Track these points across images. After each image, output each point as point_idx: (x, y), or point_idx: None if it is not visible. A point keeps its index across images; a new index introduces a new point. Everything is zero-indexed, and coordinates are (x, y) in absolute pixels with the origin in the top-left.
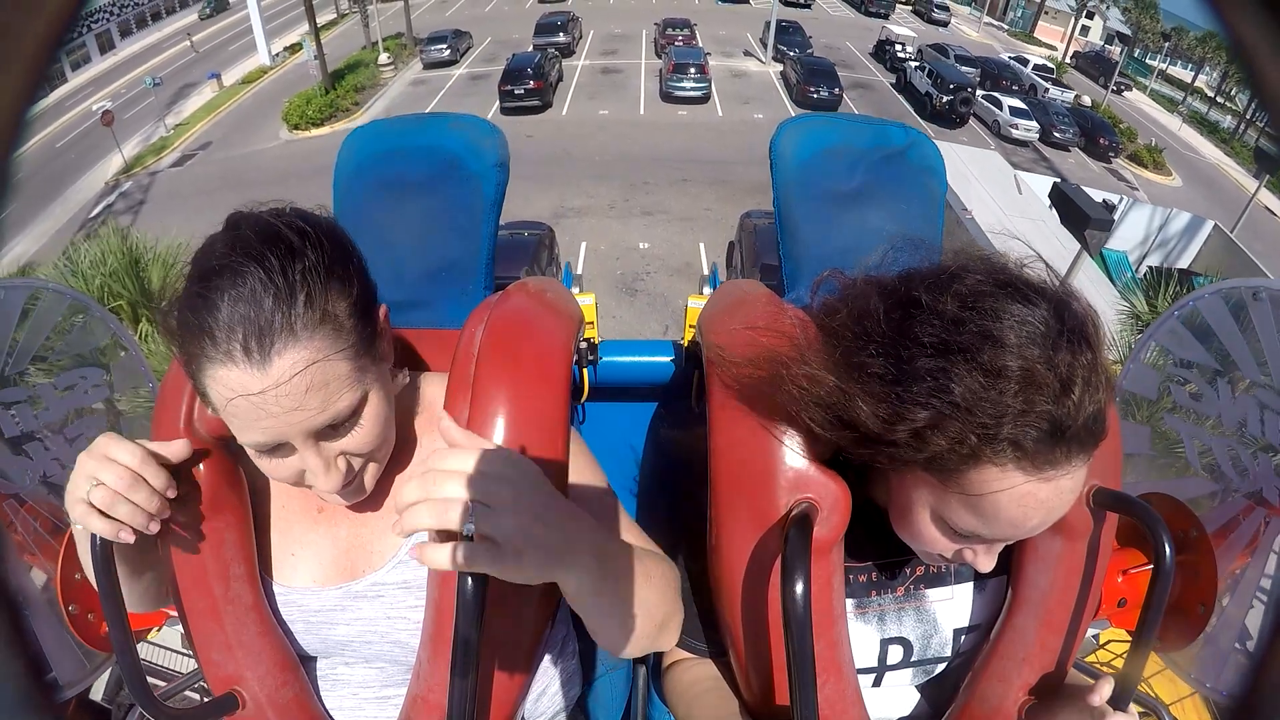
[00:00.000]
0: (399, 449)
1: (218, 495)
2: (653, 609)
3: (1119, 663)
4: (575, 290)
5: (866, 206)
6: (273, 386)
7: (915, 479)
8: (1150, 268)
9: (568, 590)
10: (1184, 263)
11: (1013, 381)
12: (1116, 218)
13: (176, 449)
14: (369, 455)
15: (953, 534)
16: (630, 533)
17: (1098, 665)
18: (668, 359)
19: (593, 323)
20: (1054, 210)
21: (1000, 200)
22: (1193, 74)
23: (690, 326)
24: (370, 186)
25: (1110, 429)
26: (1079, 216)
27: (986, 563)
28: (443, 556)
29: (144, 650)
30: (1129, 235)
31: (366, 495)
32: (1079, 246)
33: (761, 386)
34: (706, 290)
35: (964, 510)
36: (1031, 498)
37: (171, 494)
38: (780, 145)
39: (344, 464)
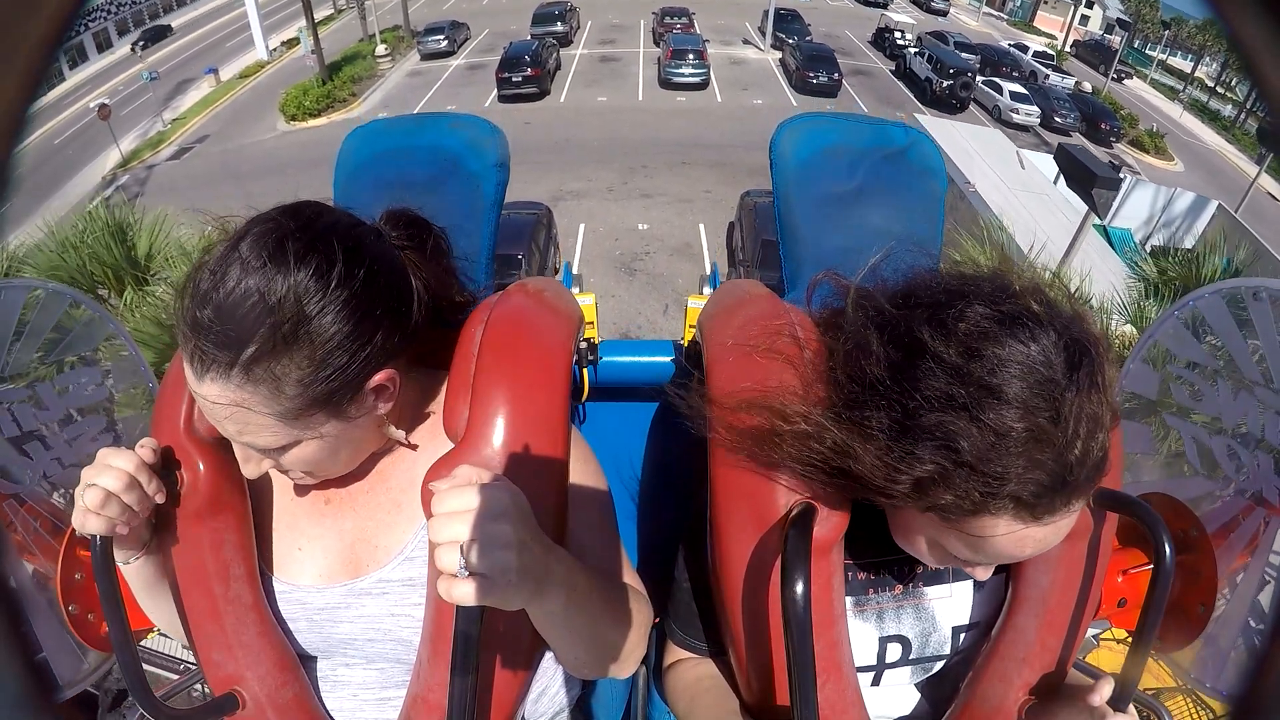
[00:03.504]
0: (401, 447)
1: (217, 495)
2: (611, 644)
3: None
4: (575, 290)
5: (867, 206)
6: (201, 396)
7: (916, 513)
8: (1154, 246)
9: (535, 616)
10: (1188, 243)
11: (1017, 442)
12: (1122, 192)
13: (159, 452)
14: (304, 472)
15: (951, 558)
16: (616, 555)
17: (1104, 651)
18: (668, 359)
19: (593, 323)
20: (1060, 173)
21: (1003, 175)
22: (1192, 64)
23: (690, 327)
24: (370, 186)
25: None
26: (1085, 175)
27: (984, 575)
28: (444, 591)
29: (154, 643)
30: (1133, 214)
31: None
32: (1084, 213)
33: (758, 438)
34: (706, 290)
35: (962, 545)
36: (1029, 539)
37: (160, 499)
38: (780, 145)
39: (268, 464)
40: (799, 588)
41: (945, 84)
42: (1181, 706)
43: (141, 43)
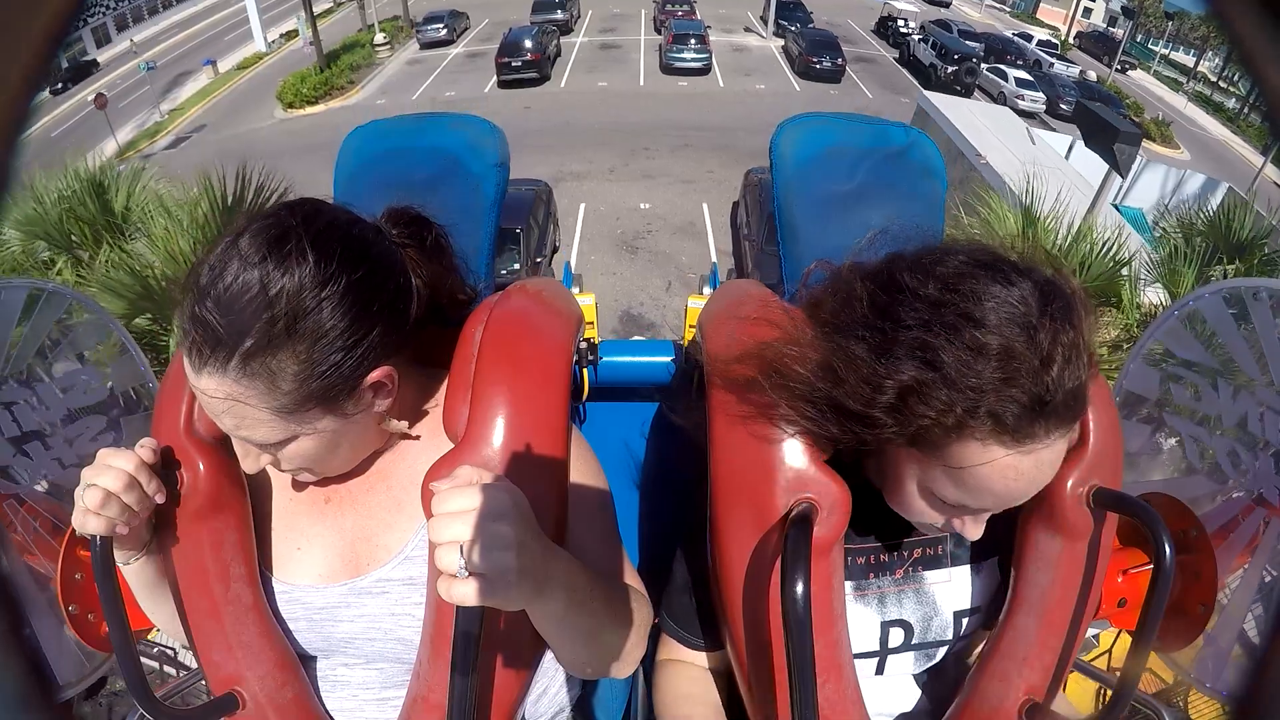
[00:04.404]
0: (403, 443)
1: (217, 495)
2: (611, 645)
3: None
4: (575, 290)
5: (867, 206)
6: (200, 390)
7: (902, 455)
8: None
9: (535, 617)
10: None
11: (992, 358)
12: (1134, 170)
13: (159, 452)
14: (302, 468)
15: (941, 504)
16: (616, 555)
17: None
18: (668, 359)
19: (593, 323)
20: (1077, 136)
21: (1014, 149)
22: (1195, 59)
23: (690, 327)
24: (370, 187)
25: (1109, 427)
26: (1106, 131)
27: (974, 530)
28: (444, 591)
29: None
30: (1144, 194)
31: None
32: (1099, 182)
33: (751, 384)
34: (706, 290)
35: (949, 483)
36: (1013, 470)
37: (160, 499)
38: (780, 145)
39: (266, 459)
40: (799, 588)
41: (950, 70)
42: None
43: (60, 85)
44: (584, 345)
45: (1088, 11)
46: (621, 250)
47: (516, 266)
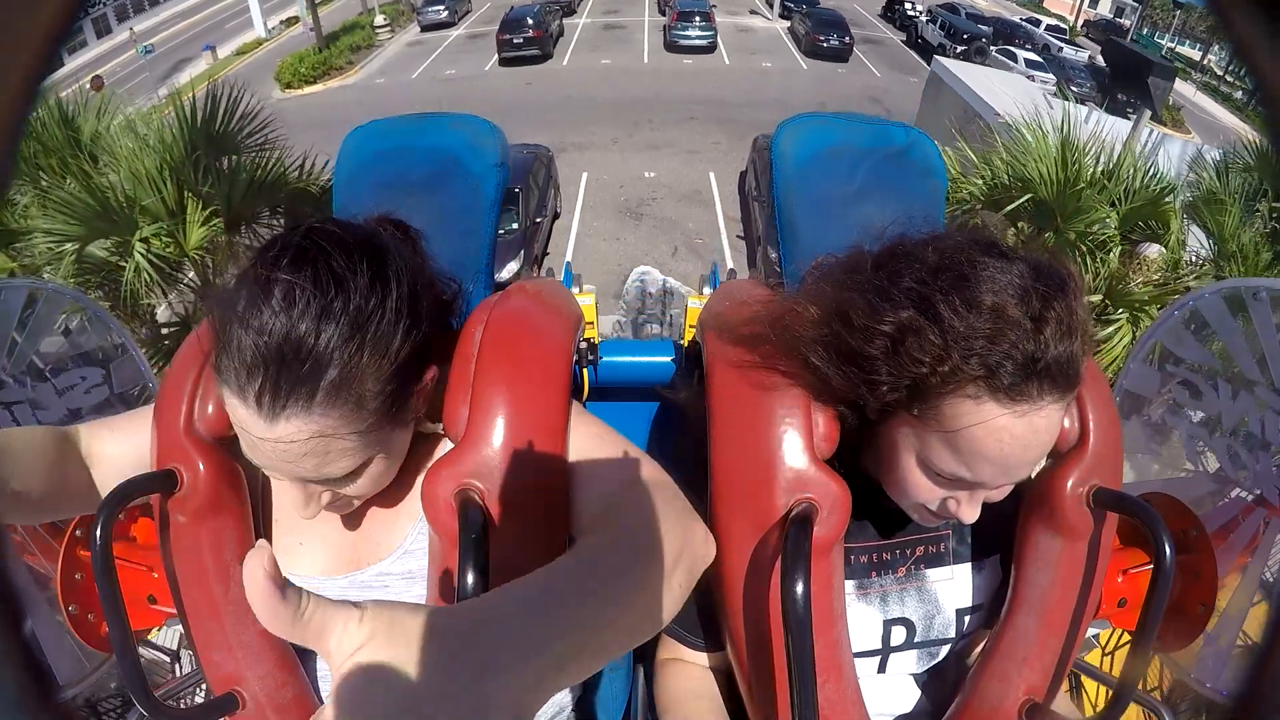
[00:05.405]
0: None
1: (217, 495)
2: (648, 622)
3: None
4: (575, 290)
5: (867, 207)
6: (272, 441)
7: (899, 423)
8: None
9: None
10: None
11: (985, 312)
12: (1149, 145)
13: None
14: (356, 497)
15: (937, 478)
16: (659, 490)
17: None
18: (668, 359)
19: (592, 323)
20: (1108, 70)
21: (1031, 112)
22: (1201, 52)
23: (690, 327)
24: (370, 187)
25: (1109, 426)
26: (1139, 64)
27: (970, 513)
28: None
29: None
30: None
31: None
32: (1133, 122)
33: (755, 337)
34: (707, 290)
35: (944, 449)
36: (1006, 432)
37: None
38: (780, 145)
39: (327, 498)
40: (799, 588)
41: (959, 50)
42: None
43: None
44: (584, 345)
45: (1095, 1)
46: (625, 216)
47: (515, 226)
